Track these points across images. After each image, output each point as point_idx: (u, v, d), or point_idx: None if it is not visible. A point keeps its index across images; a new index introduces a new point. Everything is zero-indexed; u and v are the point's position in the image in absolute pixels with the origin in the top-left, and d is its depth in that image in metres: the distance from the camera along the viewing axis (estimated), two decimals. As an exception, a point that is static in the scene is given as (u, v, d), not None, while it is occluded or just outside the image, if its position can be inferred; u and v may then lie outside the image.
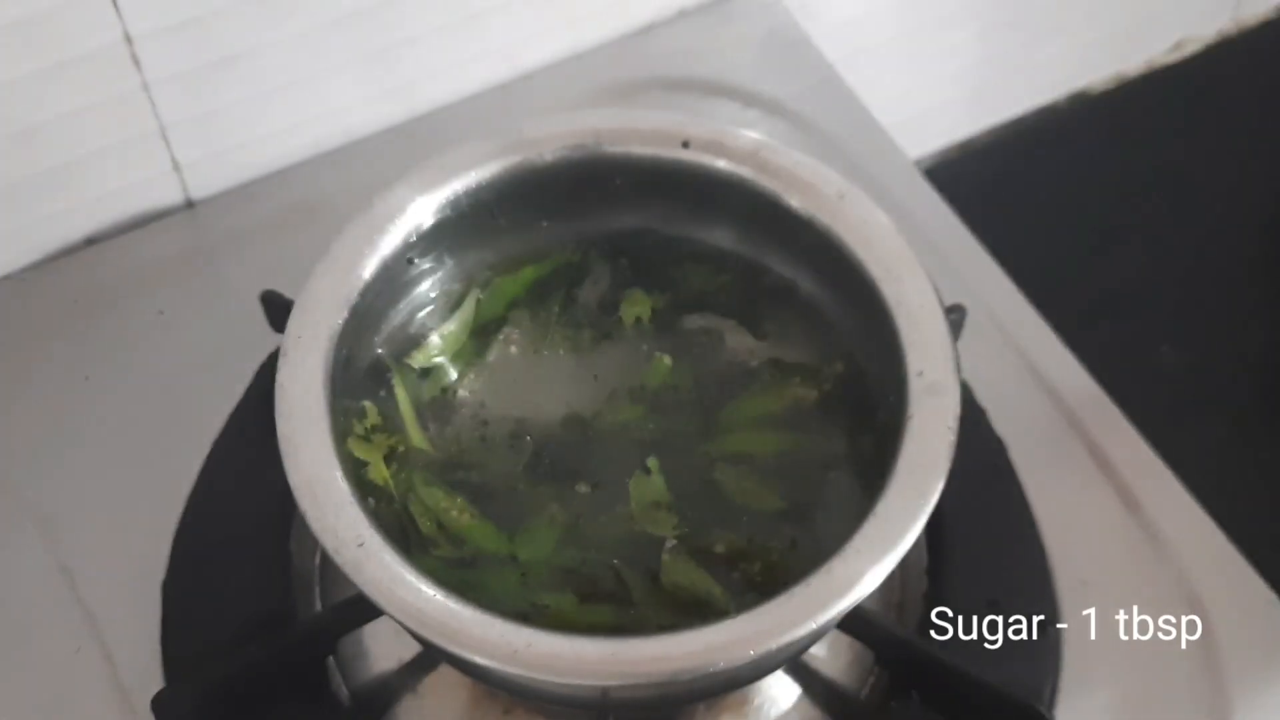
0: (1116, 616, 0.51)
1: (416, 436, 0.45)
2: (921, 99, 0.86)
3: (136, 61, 0.57)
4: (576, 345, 0.48)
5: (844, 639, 0.47)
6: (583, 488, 0.45)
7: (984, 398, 0.54)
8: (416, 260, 0.46)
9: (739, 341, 0.48)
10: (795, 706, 0.48)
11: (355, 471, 0.42)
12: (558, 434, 0.46)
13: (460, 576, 0.41)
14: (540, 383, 0.48)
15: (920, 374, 0.40)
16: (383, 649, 0.49)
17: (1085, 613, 0.50)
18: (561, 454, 0.46)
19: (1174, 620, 0.51)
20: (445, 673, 0.48)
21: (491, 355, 0.48)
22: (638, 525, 0.44)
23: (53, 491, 0.54)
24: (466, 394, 0.47)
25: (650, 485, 0.44)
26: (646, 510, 0.44)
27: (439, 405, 0.47)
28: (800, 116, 0.67)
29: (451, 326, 0.48)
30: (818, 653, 0.49)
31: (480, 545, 0.43)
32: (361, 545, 0.37)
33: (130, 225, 0.63)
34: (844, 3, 0.76)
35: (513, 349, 0.48)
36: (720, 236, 0.48)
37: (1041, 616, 0.50)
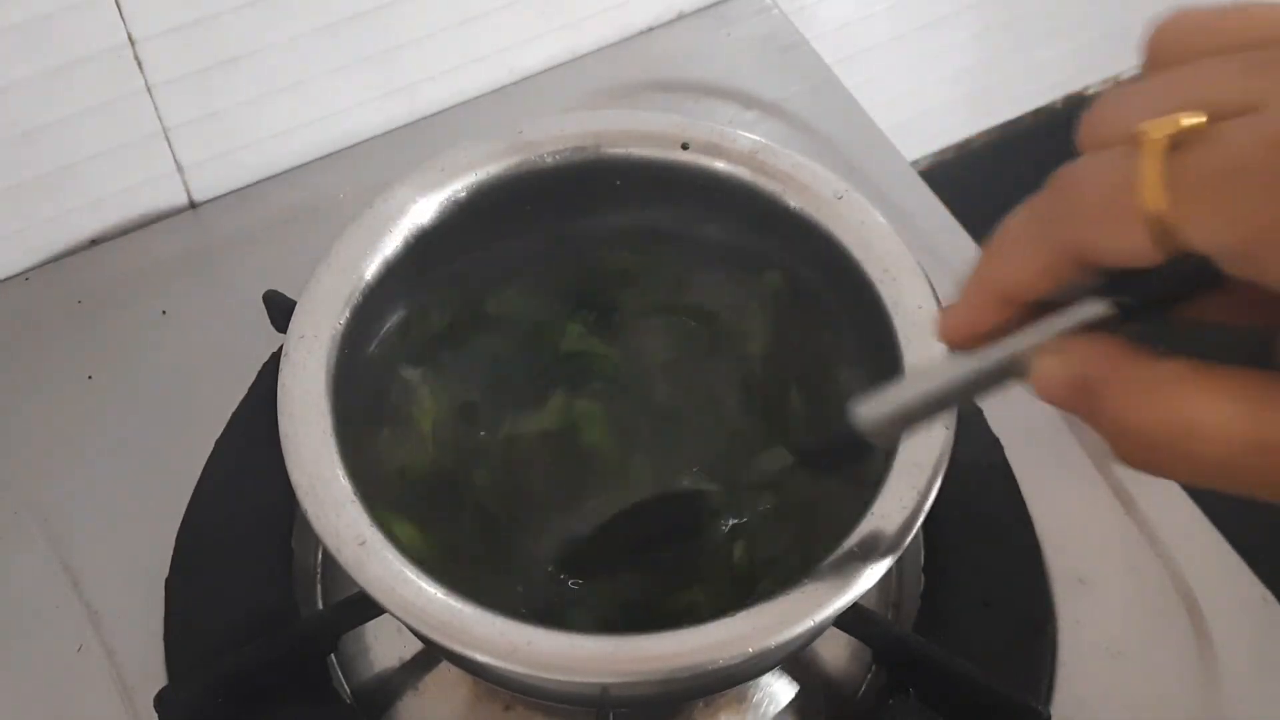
0: (1112, 614, 0.51)
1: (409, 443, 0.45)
2: (919, 101, 0.86)
3: (139, 63, 0.57)
4: (575, 345, 0.48)
5: (842, 637, 0.47)
6: (584, 496, 0.45)
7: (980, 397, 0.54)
8: (417, 261, 0.46)
9: (736, 340, 0.48)
10: (793, 704, 0.48)
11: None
12: (556, 438, 0.47)
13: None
14: (539, 385, 0.48)
15: (917, 374, 0.40)
16: (384, 647, 0.50)
17: (1081, 610, 0.51)
18: (558, 461, 0.46)
19: (1169, 618, 0.51)
20: (446, 670, 0.48)
21: (491, 354, 0.48)
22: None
23: (56, 490, 0.54)
24: (466, 396, 0.48)
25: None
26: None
27: (438, 408, 0.47)
28: (798, 118, 0.67)
29: (451, 328, 0.48)
30: (816, 651, 0.49)
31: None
32: (363, 544, 0.37)
33: (134, 226, 0.63)
34: (842, 6, 0.77)
35: (512, 349, 0.49)
36: (718, 237, 0.48)
37: (1037, 614, 0.50)
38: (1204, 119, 0.22)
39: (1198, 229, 0.22)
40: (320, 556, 0.52)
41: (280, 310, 0.51)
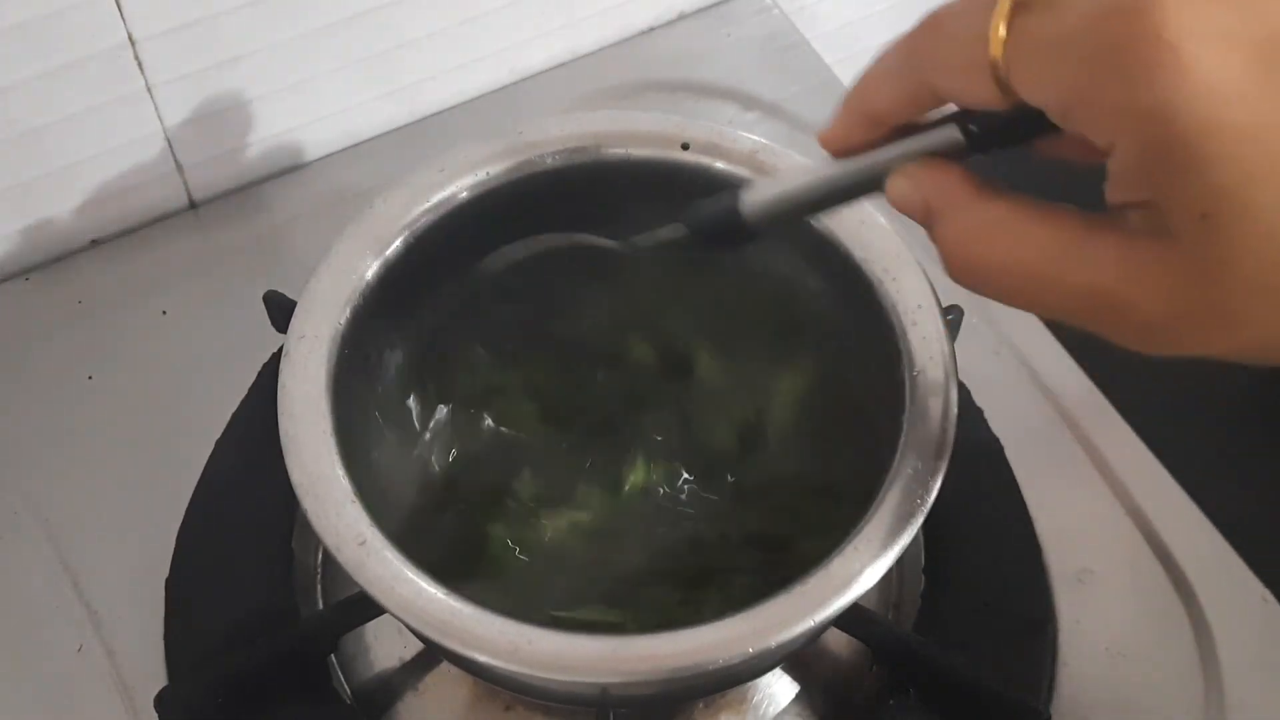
0: (1112, 614, 0.51)
1: None
2: (919, 101, 0.86)
3: (140, 63, 0.57)
4: (576, 346, 0.49)
5: (843, 637, 0.48)
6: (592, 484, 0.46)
7: (981, 397, 0.55)
8: (417, 261, 0.46)
9: (736, 339, 0.48)
10: (794, 704, 0.48)
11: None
12: (558, 430, 0.47)
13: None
14: (536, 383, 0.48)
15: (917, 373, 0.41)
16: (384, 647, 0.50)
17: (1081, 610, 0.51)
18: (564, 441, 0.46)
19: (1169, 618, 0.51)
20: (446, 670, 0.48)
21: (491, 353, 0.48)
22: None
23: (56, 490, 0.54)
24: (466, 394, 0.48)
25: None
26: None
27: (439, 406, 0.47)
28: (799, 119, 0.67)
29: (451, 328, 0.48)
30: (816, 651, 0.49)
31: None
32: (363, 544, 0.37)
33: (134, 227, 0.63)
34: (842, 6, 0.77)
35: (511, 347, 0.49)
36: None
37: (1037, 614, 0.50)
38: None
39: (1027, 86, 0.26)
40: (320, 556, 0.52)
41: (280, 310, 0.51)
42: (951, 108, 0.30)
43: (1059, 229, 0.27)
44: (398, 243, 0.44)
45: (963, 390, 0.49)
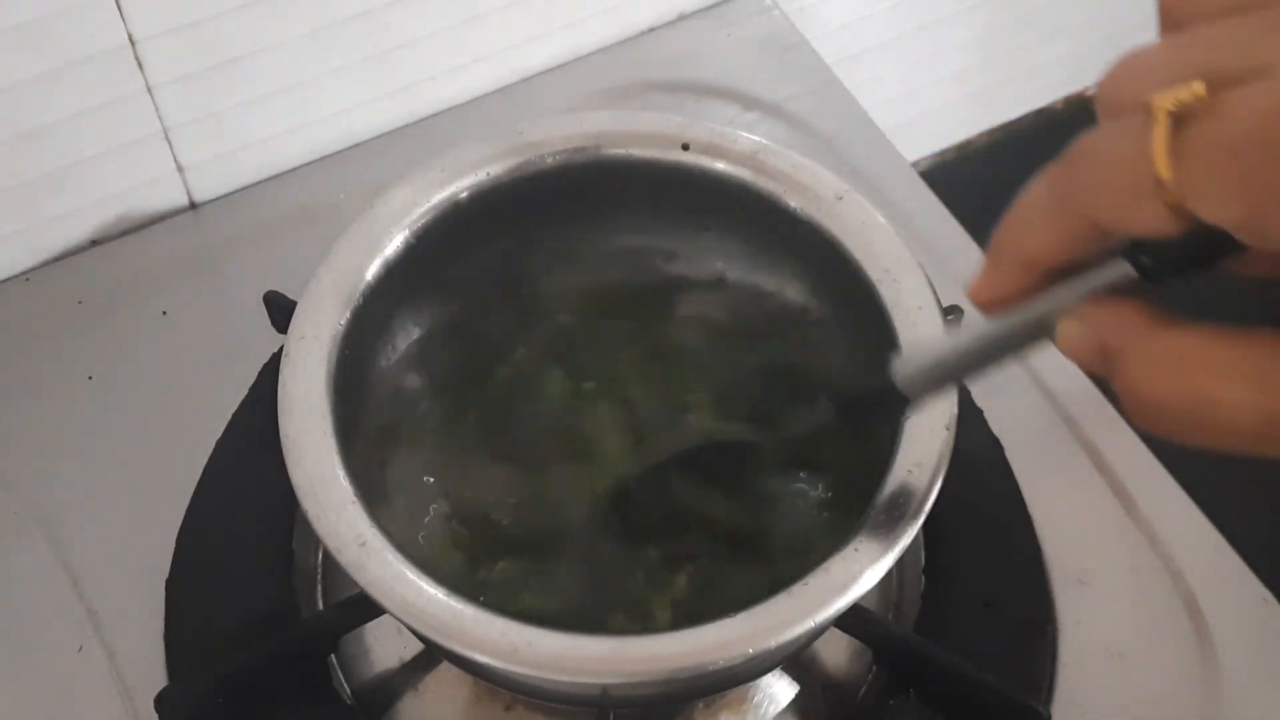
0: (1112, 614, 0.51)
1: None
2: (919, 101, 0.86)
3: (140, 64, 0.57)
4: (574, 348, 0.49)
5: (843, 638, 0.48)
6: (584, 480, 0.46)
7: (981, 398, 0.55)
8: (417, 262, 0.46)
9: (734, 339, 0.48)
10: (794, 704, 0.48)
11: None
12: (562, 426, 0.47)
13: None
14: (540, 380, 0.48)
15: (917, 374, 0.40)
16: (384, 647, 0.50)
17: (1081, 610, 0.51)
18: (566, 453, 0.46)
19: (1169, 618, 0.51)
20: (446, 671, 0.48)
21: (491, 352, 0.48)
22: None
23: (57, 490, 0.54)
24: (466, 394, 0.48)
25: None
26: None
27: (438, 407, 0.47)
28: (799, 119, 0.67)
29: (451, 327, 0.48)
30: (817, 651, 0.49)
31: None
32: (363, 544, 0.37)
33: (134, 227, 0.63)
34: (842, 6, 0.77)
35: (511, 347, 0.49)
36: (719, 237, 0.48)
37: (1037, 614, 0.50)
38: (1203, 91, 0.22)
39: (1205, 202, 0.22)
40: (321, 557, 0.52)
41: (280, 310, 0.51)
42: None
43: (1262, 356, 0.24)
44: (398, 243, 0.44)
45: (962, 391, 0.50)
